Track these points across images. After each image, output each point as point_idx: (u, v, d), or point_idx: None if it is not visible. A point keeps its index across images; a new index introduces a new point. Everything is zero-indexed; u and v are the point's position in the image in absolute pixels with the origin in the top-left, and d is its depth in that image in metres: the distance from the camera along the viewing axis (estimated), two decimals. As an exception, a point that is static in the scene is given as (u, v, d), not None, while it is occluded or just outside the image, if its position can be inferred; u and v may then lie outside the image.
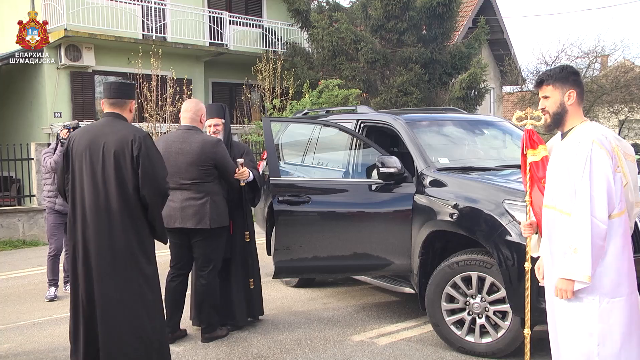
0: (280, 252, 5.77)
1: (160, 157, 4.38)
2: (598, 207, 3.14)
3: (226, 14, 18.98)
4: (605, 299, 3.21)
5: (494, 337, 4.94)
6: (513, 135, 6.73)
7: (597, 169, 3.18)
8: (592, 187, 3.16)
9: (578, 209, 3.18)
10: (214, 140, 5.42)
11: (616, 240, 3.23)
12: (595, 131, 3.31)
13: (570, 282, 3.19)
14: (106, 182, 4.12)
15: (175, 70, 15.89)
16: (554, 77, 3.50)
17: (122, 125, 4.29)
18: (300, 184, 6.17)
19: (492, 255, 4.81)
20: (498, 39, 23.84)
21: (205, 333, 5.47)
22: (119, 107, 4.37)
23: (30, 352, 5.41)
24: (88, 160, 4.17)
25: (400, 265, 5.65)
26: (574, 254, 3.16)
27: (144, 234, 4.24)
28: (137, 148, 4.11)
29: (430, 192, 5.45)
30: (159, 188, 4.23)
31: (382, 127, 6.45)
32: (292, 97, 16.78)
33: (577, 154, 3.25)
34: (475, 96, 18.40)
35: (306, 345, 5.41)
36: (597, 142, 3.22)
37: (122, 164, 4.11)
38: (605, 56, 23.72)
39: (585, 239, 3.13)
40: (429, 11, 17.60)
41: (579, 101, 3.46)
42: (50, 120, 15.66)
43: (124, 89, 4.49)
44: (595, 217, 3.13)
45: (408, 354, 5.16)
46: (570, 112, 3.44)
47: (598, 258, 3.17)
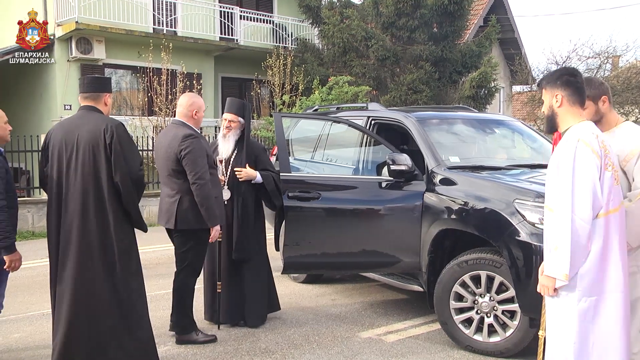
0: (290, 247, 5.78)
1: (133, 145, 4.49)
2: (580, 205, 3.14)
3: (237, 9, 18.99)
4: (584, 297, 3.22)
5: (502, 336, 4.94)
6: (523, 134, 6.73)
7: (580, 167, 3.17)
8: (574, 186, 3.16)
9: (560, 207, 3.19)
10: (184, 134, 5.05)
11: (599, 239, 3.22)
12: (584, 130, 3.30)
13: (552, 279, 3.22)
14: (81, 171, 4.25)
15: (186, 65, 15.90)
16: (545, 81, 3.53)
17: (96, 116, 4.39)
18: (310, 180, 6.18)
19: (501, 255, 4.81)
20: (509, 38, 23.77)
21: (176, 334, 5.32)
22: (93, 101, 4.48)
23: (40, 342, 5.45)
24: (63, 151, 4.31)
25: (409, 263, 5.66)
26: (555, 252, 3.19)
27: (119, 221, 4.33)
28: (109, 137, 4.22)
29: (440, 191, 5.45)
30: (130, 174, 4.30)
31: (392, 124, 6.44)
32: (301, 93, 16.78)
33: (564, 152, 3.26)
34: (485, 95, 18.36)
35: (314, 341, 5.43)
36: (584, 140, 3.21)
37: (95, 153, 4.24)
38: (616, 57, 23.55)
39: (565, 237, 3.14)
40: (440, 9, 17.56)
41: (570, 103, 3.41)
42: (60, 112, 15.70)
43: (98, 82, 4.61)
44: (577, 215, 3.14)
45: (416, 351, 5.17)
46: (560, 114, 3.43)
47: (581, 257, 3.17)
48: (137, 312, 4.44)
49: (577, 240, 3.13)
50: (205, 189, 4.96)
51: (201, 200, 4.96)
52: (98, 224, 4.26)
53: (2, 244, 4.25)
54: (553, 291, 3.24)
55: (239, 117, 5.71)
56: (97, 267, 4.27)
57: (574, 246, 3.13)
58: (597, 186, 3.17)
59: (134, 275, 4.43)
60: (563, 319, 3.26)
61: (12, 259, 4.33)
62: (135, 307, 4.43)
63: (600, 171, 3.20)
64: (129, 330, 4.38)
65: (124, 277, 4.35)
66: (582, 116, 3.45)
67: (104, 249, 4.28)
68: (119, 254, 4.31)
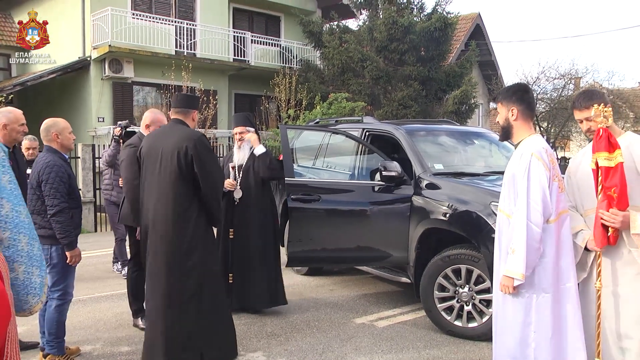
0: (293, 243, 5.76)
1: (212, 153, 4.49)
2: (533, 212, 3.13)
3: (248, 34, 18.97)
4: (542, 293, 3.21)
5: (479, 322, 4.93)
6: (499, 145, 6.70)
7: (534, 179, 3.15)
8: (529, 195, 3.14)
9: (516, 214, 3.18)
10: (126, 143, 5.31)
11: (552, 242, 3.20)
12: (536, 145, 3.26)
13: (511, 279, 3.19)
14: (164, 175, 4.22)
15: (203, 82, 15.89)
16: (501, 95, 3.48)
17: (182, 128, 4.39)
18: (312, 184, 6.17)
19: (479, 251, 4.80)
20: (487, 60, 23.73)
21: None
22: (183, 115, 4.50)
23: (76, 324, 5.42)
24: (151, 159, 4.31)
25: (398, 258, 5.64)
26: (512, 254, 3.17)
27: (195, 222, 4.27)
28: (192, 147, 4.17)
29: (426, 194, 5.43)
30: (210, 181, 4.26)
31: (384, 135, 6.42)
32: (305, 108, 16.73)
33: (520, 164, 3.23)
34: (466, 110, 18.35)
35: (314, 326, 5.41)
36: (536, 154, 3.19)
37: (176, 162, 4.18)
38: (578, 78, 23.50)
39: (521, 241, 3.12)
40: (427, 35, 17.53)
41: (524, 117, 3.37)
42: (94, 124, 15.75)
43: (188, 100, 4.66)
44: (531, 221, 3.12)
45: (404, 335, 5.15)
46: (515, 127, 3.39)
47: (535, 258, 3.15)
48: (215, 301, 4.39)
49: (531, 243, 3.12)
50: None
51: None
52: (179, 225, 4.20)
53: (64, 241, 4.25)
54: (512, 289, 3.21)
55: (247, 127, 5.75)
56: (180, 262, 4.21)
57: (528, 249, 3.12)
58: (547, 195, 3.16)
59: (213, 266, 4.42)
60: (522, 312, 3.24)
61: (73, 255, 4.31)
62: (216, 297, 4.39)
63: (550, 182, 3.19)
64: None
65: (203, 272, 4.29)
66: (532, 129, 3.42)
67: (188, 250, 4.22)
68: (198, 252, 4.26)
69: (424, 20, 18.06)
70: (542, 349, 3.20)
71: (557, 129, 23.32)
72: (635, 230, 3.05)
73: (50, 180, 4.22)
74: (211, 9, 18.36)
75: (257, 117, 18.12)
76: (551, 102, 23.22)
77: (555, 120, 23.07)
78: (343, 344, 4.94)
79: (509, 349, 3.30)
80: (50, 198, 4.21)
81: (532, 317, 3.22)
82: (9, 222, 2.10)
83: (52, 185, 4.22)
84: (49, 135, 4.45)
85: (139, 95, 17.24)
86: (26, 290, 2.13)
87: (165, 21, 17.08)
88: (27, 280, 2.13)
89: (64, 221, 4.22)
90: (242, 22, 19.72)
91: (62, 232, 4.21)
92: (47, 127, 4.47)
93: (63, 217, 4.22)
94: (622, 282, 3.22)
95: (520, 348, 3.25)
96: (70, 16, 16.67)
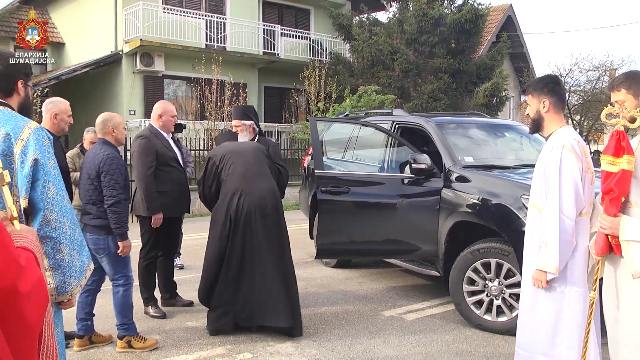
0: (322, 235, 5.78)
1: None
2: (566, 205, 3.07)
3: (278, 27, 19.02)
4: (574, 287, 3.16)
5: (509, 316, 4.88)
6: (530, 138, 6.61)
7: (566, 171, 3.10)
8: (561, 187, 3.09)
9: (549, 207, 3.13)
10: (137, 135, 5.58)
11: (585, 235, 3.14)
12: (567, 136, 3.20)
13: (544, 272, 3.14)
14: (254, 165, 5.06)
15: (233, 76, 15.99)
16: (532, 87, 3.43)
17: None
18: (341, 176, 6.16)
19: (509, 244, 4.75)
20: (518, 52, 23.40)
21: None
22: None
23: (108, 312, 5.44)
24: (239, 156, 5.09)
25: (428, 251, 5.61)
26: (545, 248, 3.12)
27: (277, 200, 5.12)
28: (266, 147, 5.36)
29: (456, 187, 5.39)
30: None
31: (414, 128, 6.39)
32: (334, 101, 16.74)
33: (551, 156, 3.18)
34: (496, 103, 18.16)
35: (343, 319, 5.41)
36: (568, 146, 3.13)
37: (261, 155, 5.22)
38: (613, 70, 23.05)
39: (554, 234, 3.07)
40: (458, 27, 17.40)
41: (555, 109, 3.32)
42: (126, 117, 15.91)
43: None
44: (564, 214, 3.07)
45: (432, 328, 5.13)
46: (546, 119, 3.33)
47: (568, 251, 3.10)
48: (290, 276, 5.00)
49: (564, 236, 3.08)
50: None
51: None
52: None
53: (118, 232, 4.37)
54: (545, 283, 3.16)
55: (242, 120, 5.73)
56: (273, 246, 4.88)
57: (562, 242, 3.07)
58: (579, 187, 3.10)
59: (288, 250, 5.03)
60: (554, 306, 3.19)
61: (125, 245, 4.42)
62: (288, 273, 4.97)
63: (582, 174, 3.13)
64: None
65: (284, 252, 4.95)
66: (563, 121, 3.36)
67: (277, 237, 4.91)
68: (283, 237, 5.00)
69: (455, 12, 17.90)
70: (573, 346, 3.16)
71: (590, 122, 22.91)
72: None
73: (111, 171, 4.36)
74: (241, 3, 18.44)
75: (287, 110, 18.21)
76: (584, 94, 22.80)
77: (589, 113, 22.67)
78: (371, 336, 4.94)
79: (540, 344, 3.26)
80: (109, 189, 4.35)
81: (565, 313, 3.18)
82: (55, 204, 2.18)
83: (112, 177, 4.36)
84: (106, 129, 4.56)
85: (169, 88, 17.43)
86: (69, 273, 2.21)
87: (195, 15, 17.21)
88: (70, 263, 2.21)
89: (120, 212, 4.35)
90: (272, 16, 19.76)
91: (117, 223, 4.35)
92: (104, 120, 4.58)
93: (120, 208, 4.36)
94: (622, 289, 3.08)
95: (551, 344, 3.21)
96: (103, 11, 16.93)
